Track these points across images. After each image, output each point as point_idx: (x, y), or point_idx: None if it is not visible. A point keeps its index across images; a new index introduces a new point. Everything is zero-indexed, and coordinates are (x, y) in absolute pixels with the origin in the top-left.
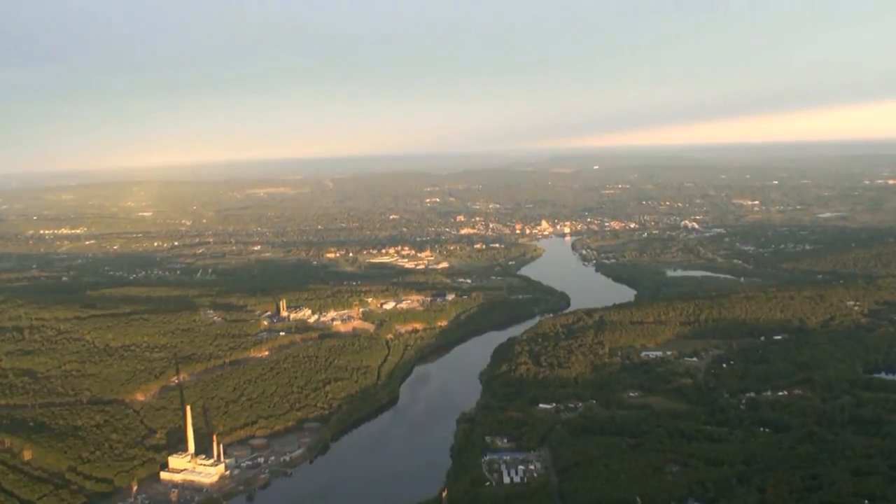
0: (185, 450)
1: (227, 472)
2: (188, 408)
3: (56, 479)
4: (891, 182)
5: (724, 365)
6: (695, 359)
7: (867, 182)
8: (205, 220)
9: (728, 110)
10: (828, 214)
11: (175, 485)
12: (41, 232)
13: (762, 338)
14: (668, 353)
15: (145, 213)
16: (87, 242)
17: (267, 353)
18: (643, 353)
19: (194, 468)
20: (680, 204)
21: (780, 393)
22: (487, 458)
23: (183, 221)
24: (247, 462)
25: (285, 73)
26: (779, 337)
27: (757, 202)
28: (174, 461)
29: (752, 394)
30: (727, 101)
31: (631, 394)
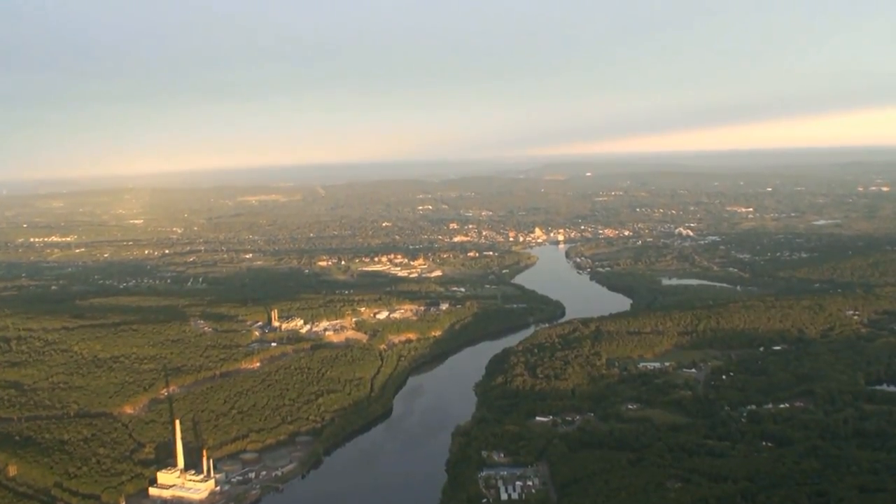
0: (175, 465)
1: (217, 488)
2: (177, 422)
3: (42, 496)
4: (884, 189)
5: (724, 376)
6: (693, 370)
7: (861, 189)
8: (196, 228)
9: (718, 118)
10: (822, 222)
11: (164, 501)
12: (31, 240)
13: (761, 348)
14: (667, 364)
15: (136, 221)
16: (78, 250)
17: (258, 364)
18: (641, 364)
19: (183, 484)
20: (674, 211)
21: (782, 405)
22: (484, 473)
23: (174, 229)
24: (237, 477)
25: (277, 80)
26: (778, 347)
27: (751, 209)
28: (163, 477)
29: (753, 406)
30: (717, 109)
31: (629, 406)
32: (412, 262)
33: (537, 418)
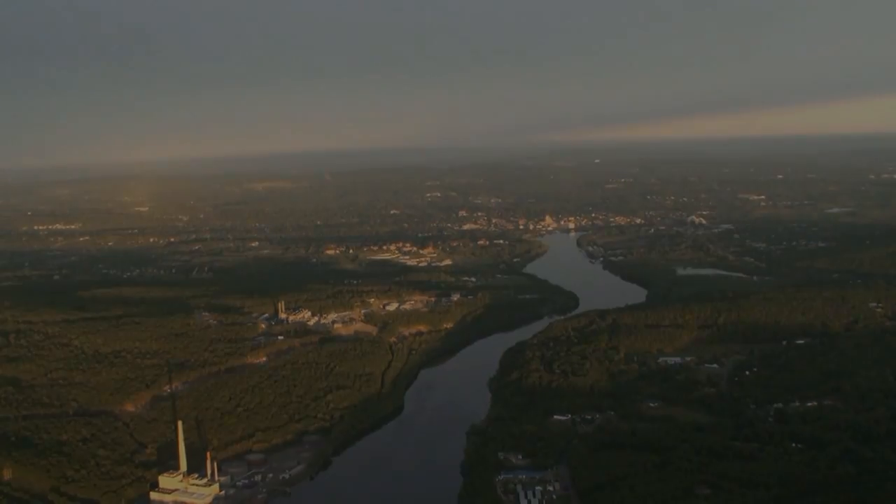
0: (177, 467)
1: (222, 493)
2: (180, 423)
3: (38, 501)
4: None
5: (747, 372)
6: (715, 365)
7: (873, 177)
8: (202, 216)
9: (726, 105)
10: (836, 210)
11: None
12: (35, 228)
13: (784, 342)
14: (688, 358)
15: (141, 209)
16: (82, 238)
17: (265, 359)
18: (660, 359)
19: (186, 488)
20: (685, 199)
21: (809, 404)
22: (502, 477)
23: (179, 217)
24: (243, 480)
25: (283, 66)
26: (801, 341)
27: (763, 197)
28: (165, 481)
29: (780, 404)
30: (725, 94)
31: (651, 404)
32: (421, 251)
33: (555, 417)
